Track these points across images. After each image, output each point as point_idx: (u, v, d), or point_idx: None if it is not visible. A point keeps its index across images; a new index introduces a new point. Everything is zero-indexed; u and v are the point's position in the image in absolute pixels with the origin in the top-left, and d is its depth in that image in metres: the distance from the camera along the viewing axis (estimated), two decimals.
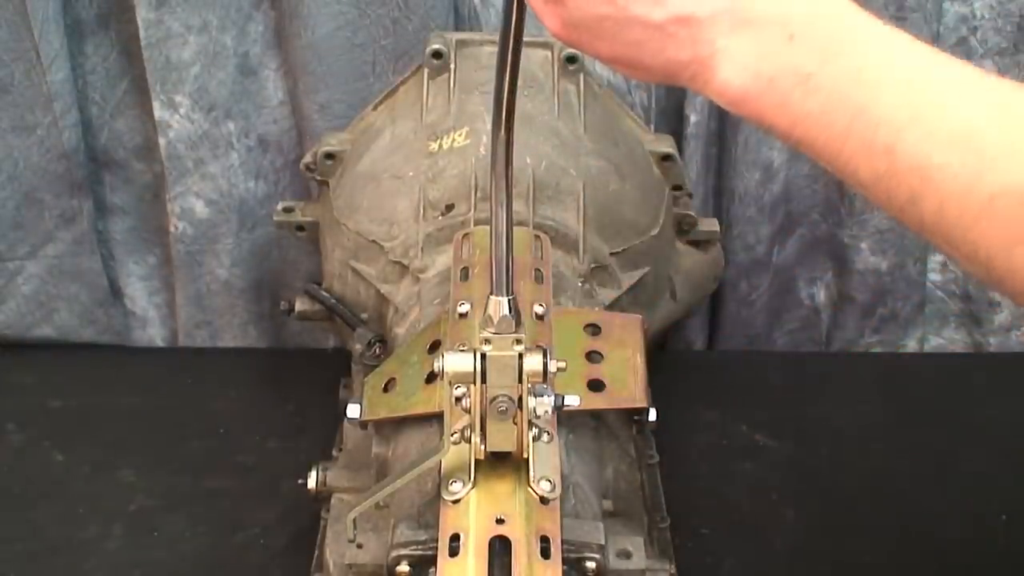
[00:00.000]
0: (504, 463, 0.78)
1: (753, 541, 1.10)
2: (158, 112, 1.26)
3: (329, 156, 1.16)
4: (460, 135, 1.08)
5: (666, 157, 1.17)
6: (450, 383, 0.76)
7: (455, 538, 0.75)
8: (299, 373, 1.32)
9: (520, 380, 0.74)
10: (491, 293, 0.75)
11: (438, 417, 0.85)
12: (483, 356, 0.74)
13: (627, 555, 0.81)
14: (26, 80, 1.23)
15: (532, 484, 0.77)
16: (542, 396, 0.76)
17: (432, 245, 1.03)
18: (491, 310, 0.74)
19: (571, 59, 1.12)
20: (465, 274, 0.94)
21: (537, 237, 1.00)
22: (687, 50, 0.62)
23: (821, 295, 1.38)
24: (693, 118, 1.27)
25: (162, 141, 1.27)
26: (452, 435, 0.78)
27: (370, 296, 1.09)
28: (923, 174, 0.57)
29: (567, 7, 0.64)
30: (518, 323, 0.74)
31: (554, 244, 1.02)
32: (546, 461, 0.78)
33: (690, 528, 1.08)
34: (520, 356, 0.74)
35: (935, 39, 1.22)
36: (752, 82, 0.61)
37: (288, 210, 1.22)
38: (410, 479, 0.78)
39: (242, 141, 1.30)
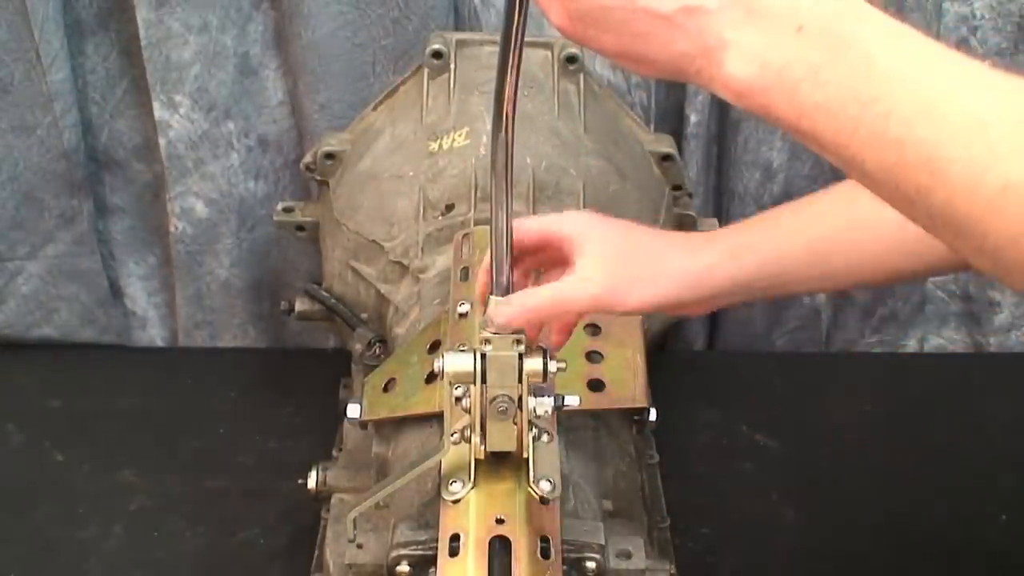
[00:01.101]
0: (504, 463, 0.78)
1: (753, 541, 1.10)
2: (158, 112, 1.26)
3: (329, 156, 1.16)
4: (460, 135, 1.08)
5: (666, 157, 1.17)
6: (450, 383, 0.76)
7: (455, 538, 0.75)
8: (299, 373, 1.32)
9: (520, 380, 0.74)
10: (491, 293, 0.75)
11: (438, 417, 0.85)
12: (483, 356, 0.74)
13: (627, 555, 0.81)
14: (26, 80, 1.22)
15: (532, 484, 0.76)
16: (542, 396, 0.76)
17: (432, 245, 1.03)
18: (491, 310, 0.74)
19: (571, 59, 1.12)
20: (465, 274, 0.94)
21: None
22: (695, 42, 0.61)
23: (821, 295, 1.38)
24: (693, 118, 1.27)
25: (162, 141, 1.27)
26: (452, 435, 0.78)
27: (370, 296, 1.09)
28: (933, 167, 0.57)
29: None
30: None
31: None
32: (546, 461, 0.78)
33: (690, 528, 1.08)
34: (520, 356, 0.74)
35: (935, 39, 1.22)
36: (760, 73, 0.60)
37: (288, 210, 1.22)
38: (410, 479, 0.78)
39: (242, 141, 1.30)
